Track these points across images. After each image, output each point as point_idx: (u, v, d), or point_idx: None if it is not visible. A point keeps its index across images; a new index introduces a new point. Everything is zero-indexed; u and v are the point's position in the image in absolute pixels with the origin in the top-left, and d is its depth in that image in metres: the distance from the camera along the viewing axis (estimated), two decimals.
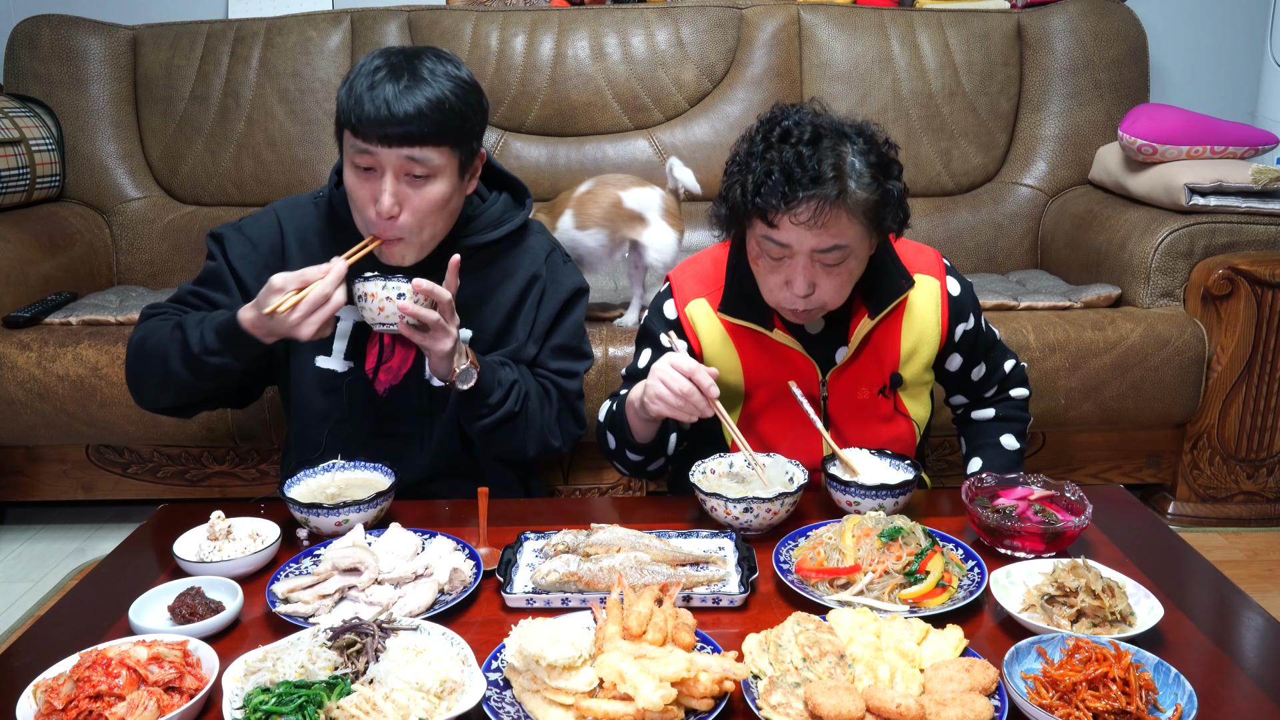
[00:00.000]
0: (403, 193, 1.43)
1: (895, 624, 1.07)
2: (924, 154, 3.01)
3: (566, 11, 3.03)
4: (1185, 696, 0.94)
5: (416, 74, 1.40)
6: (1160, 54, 3.35)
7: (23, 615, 2.16)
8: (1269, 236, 2.42)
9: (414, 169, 1.42)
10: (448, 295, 1.41)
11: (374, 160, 1.41)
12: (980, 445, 1.65)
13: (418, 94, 1.39)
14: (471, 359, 1.50)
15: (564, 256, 1.70)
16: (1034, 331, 2.34)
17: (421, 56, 1.44)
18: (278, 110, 2.98)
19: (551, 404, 1.64)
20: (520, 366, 1.62)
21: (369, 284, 1.40)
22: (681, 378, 1.37)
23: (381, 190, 1.41)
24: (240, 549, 1.29)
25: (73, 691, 0.95)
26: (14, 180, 2.75)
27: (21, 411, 2.30)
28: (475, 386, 1.50)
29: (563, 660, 0.95)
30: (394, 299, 1.39)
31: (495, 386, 1.53)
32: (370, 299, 1.40)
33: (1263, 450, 2.46)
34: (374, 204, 1.42)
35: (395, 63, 1.41)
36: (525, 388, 1.59)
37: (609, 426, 1.58)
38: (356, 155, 1.42)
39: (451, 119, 1.42)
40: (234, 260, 1.57)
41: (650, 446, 1.55)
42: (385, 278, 1.40)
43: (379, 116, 1.37)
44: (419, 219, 1.45)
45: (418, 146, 1.40)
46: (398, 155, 1.40)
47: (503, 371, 1.56)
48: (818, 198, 1.32)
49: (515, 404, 1.56)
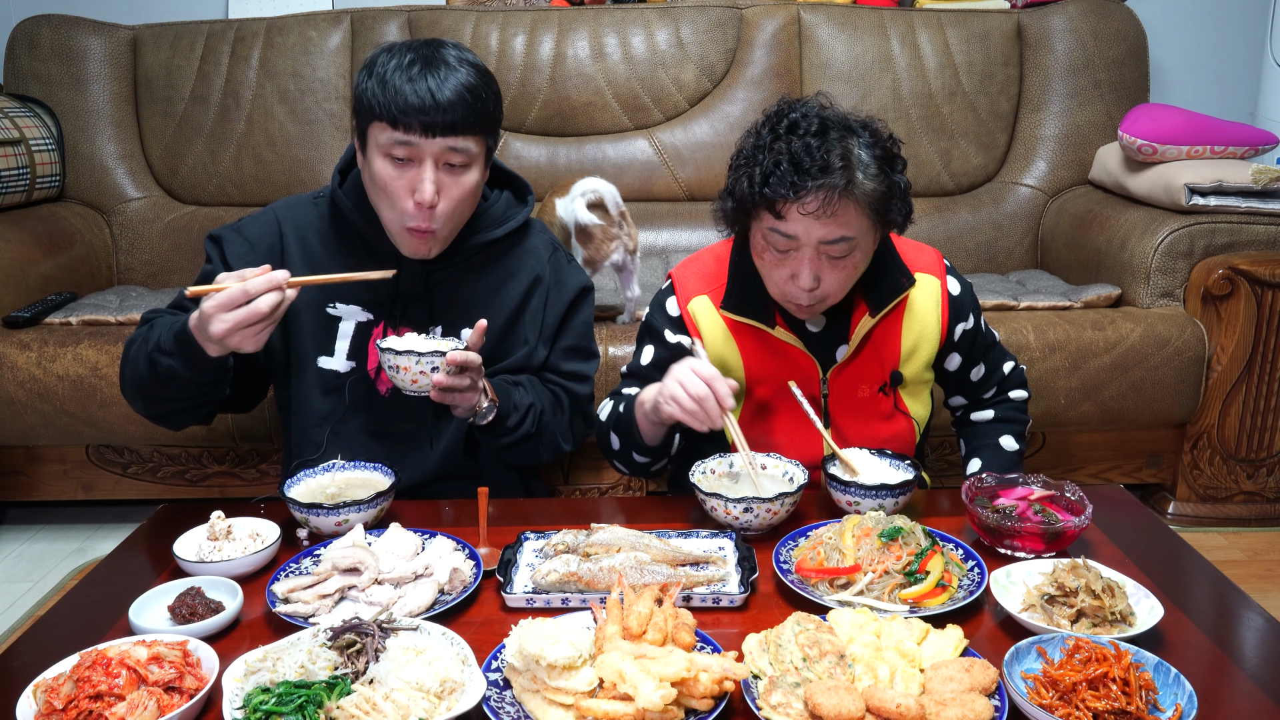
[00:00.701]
0: (441, 181, 1.44)
1: (895, 624, 1.07)
2: (924, 154, 3.01)
3: (566, 11, 3.03)
4: (1185, 696, 0.94)
5: (448, 63, 1.42)
6: (1160, 54, 3.35)
7: (23, 615, 2.16)
8: (1269, 236, 2.42)
9: (453, 158, 1.43)
10: (478, 360, 1.42)
11: (414, 151, 1.41)
12: (979, 446, 1.65)
13: (454, 82, 1.40)
14: (491, 396, 1.51)
15: (567, 256, 1.70)
16: (1034, 331, 2.34)
17: (444, 46, 1.45)
18: (278, 110, 2.98)
19: (564, 411, 1.65)
20: (533, 380, 1.63)
21: (401, 358, 1.39)
22: (700, 383, 1.37)
23: (422, 179, 1.42)
24: (240, 549, 1.28)
25: (73, 691, 0.95)
26: (14, 180, 2.75)
27: (21, 411, 2.30)
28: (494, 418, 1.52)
29: (563, 660, 0.95)
30: (428, 373, 1.39)
31: (512, 412, 1.55)
32: (403, 372, 1.40)
33: (1263, 450, 2.46)
34: (412, 195, 1.43)
35: (425, 54, 1.42)
36: (540, 406, 1.60)
37: (613, 428, 1.58)
38: (395, 147, 1.41)
39: (484, 106, 1.44)
40: (231, 261, 1.56)
41: (657, 449, 1.55)
42: (419, 353, 1.39)
43: (423, 106, 1.38)
44: (454, 207, 1.46)
45: (459, 135, 1.41)
46: (439, 145, 1.41)
47: (518, 394, 1.57)
48: (826, 187, 1.32)
49: (532, 426, 1.58)
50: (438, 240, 1.50)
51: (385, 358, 1.41)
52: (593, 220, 2.21)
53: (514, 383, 1.59)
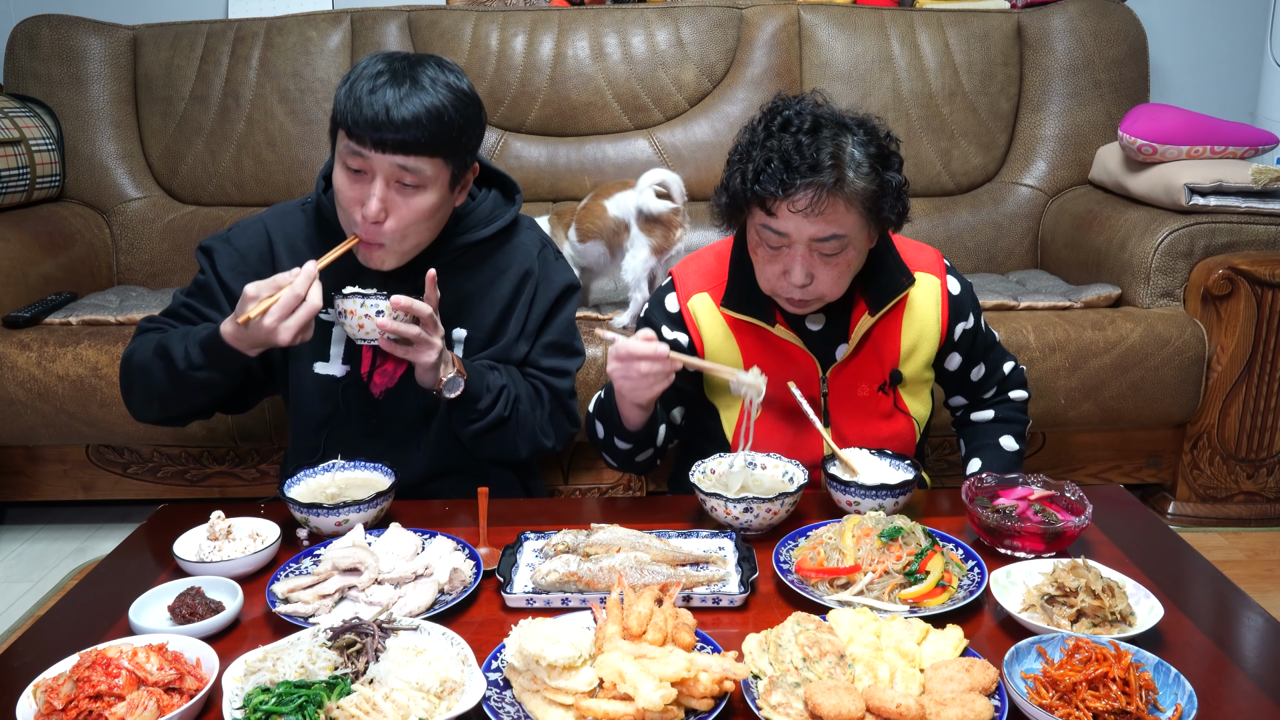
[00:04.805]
0: (391, 199, 1.41)
1: (895, 624, 1.07)
2: (924, 154, 3.01)
3: (566, 11, 3.03)
4: (1185, 696, 0.94)
5: (418, 82, 1.39)
6: (1160, 54, 3.35)
7: (23, 615, 2.16)
8: (1269, 236, 2.42)
9: (405, 177, 1.40)
10: (428, 310, 1.40)
11: (365, 164, 1.40)
12: (979, 446, 1.65)
13: (416, 102, 1.37)
14: (459, 368, 1.49)
15: (555, 253, 1.69)
16: (1034, 331, 2.34)
17: (424, 64, 1.42)
18: (278, 110, 2.98)
19: (543, 404, 1.64)
20: (510, 368, 1.62)
21: (348, 301, 1.39)
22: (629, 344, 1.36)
23: (370, 195, 1.40)
24: (240, 549, 1.29)
25: (73, 691, 0.95)
26: (14, 180, 2.75)
27: (21, 411, 2.30)
28: (463, 394, 1.50)
29: (563, 660, 0.95)
30: (373, 316, 1.38)
31: (484, 393, 1.53)
32: (349, 315, 1.39)
33: (1263, 450, 2.46)
34: (361, 207, 1.41)
35: (398, 68, 1.40)
36: (515, 391, 1.58)
37: (598, 415, 1.58)
38: (349, 157, 1.40)
39: (448, 131, 1.41)
40: (223, 273, 1.56)
41: (640, 435, 1.54)
42: (364, 294, 1.38)
43: (376, 120, 1.36)
44: (403, 227, 1.44)
45: (411, 155, 1.39)
46: (390, 162, 1.39)
47: (491, 377, 1.55)
48: (815, 186, 1.32)
49: (505, 409, 1.56)
50: (390, 255, 1.47)
51: (336, 304, 1.41)
52: (664, 208, 2.26)
53: (490, 367, 1.58)
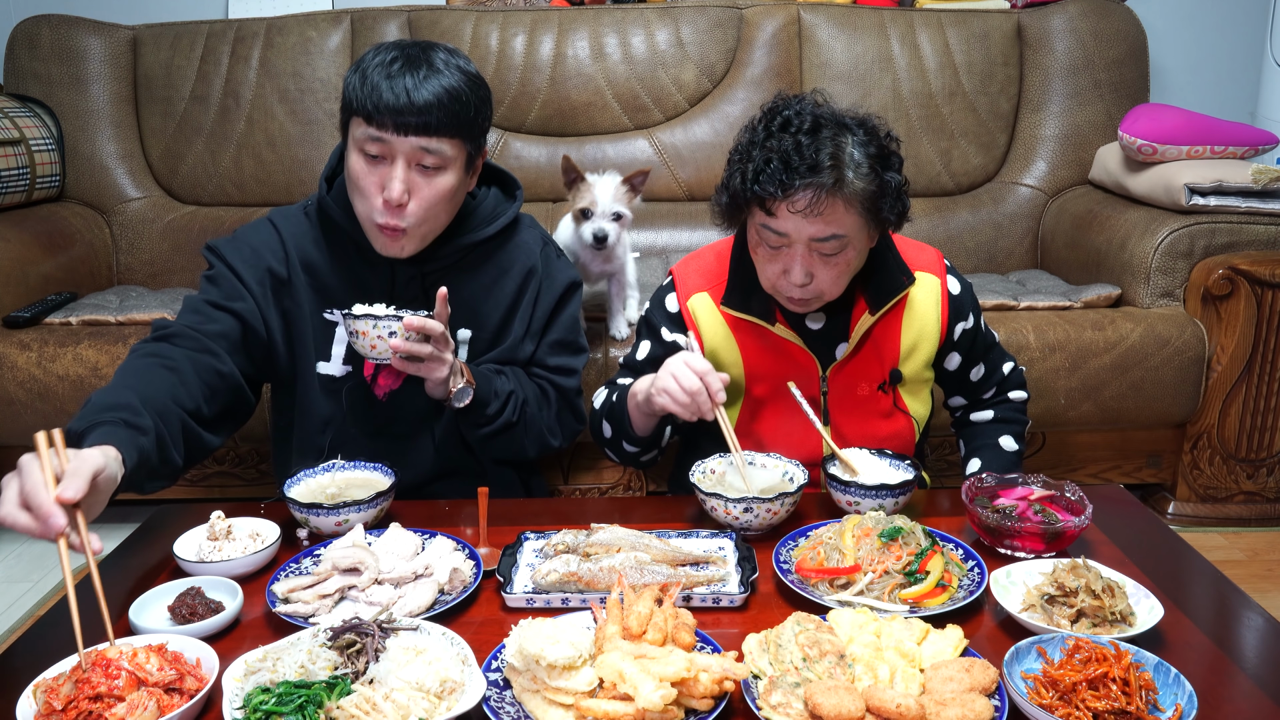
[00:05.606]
0: (413, 181, 1.43)
1: (895, 624, 1.07)
2: (924, 154, 3.01)
3: (566, 11, 3.03)
4: (1185, 696, 0.94)
5: (433, 65, 1.41)
6: (1160, 54, 3.35)
7: (23, 615, 2.16)
8: (1269, 236, 2.42)
9: (426, 159, 1.42)
10: (440, 328, 1.42)
11: (386, 148, 1.41)
12: (979, 447, 1.65)
13: (435, 84, 1.40)
14: (468, 377, 1.51)
15: (557, 251, 1.70)
16: (1034, 331, 2.34)
17: (434, 49, 1.45)
18: (278, 110, 2.98)
19: (550, 404, 1.65)
20: (516, 371, 1.62)
21: (359, 322, 1.39)
22: (693, 376, 1.38)
23: (392, 177, 1.42)
24: (240, 549, 1.29)
25: (72, 692, 0.95)
26: (14, 180, 2.75)
27: (21, 411, 2.30)
28: (471, 402, 1.51)
29: (563, 660, 0.94)
30: (385, 337, 1.39)
31: (492, 398, 1.54)
32: (361, 336, 1.40)
33: (1263, 450, 2.46)
34: (381, 191, 1.42)
35: (411, 54, 1.42)
36: (522, 395, 1.59)
37: (606, 416, 1.59)
38: (368, 143, 1.41)
39: (465, 111, 1.43)
40: (235, 264, 1.56)
41: (647, 440, 1.56)
42: (376, 316, 1.39)
43: (398, 104, 1.38)
44: (425, 209, 1.45)
45: (433, 137, 1.41)
46: (412, 144, 1.41)
47: (499, 382, 1.56)
48: (814, 186, 1.32)
49: (513, 414, 1.57)
50: (410, 240, 1.49)
51: (346, 323, 1.41)
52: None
53: (496, 371, 1.59)
